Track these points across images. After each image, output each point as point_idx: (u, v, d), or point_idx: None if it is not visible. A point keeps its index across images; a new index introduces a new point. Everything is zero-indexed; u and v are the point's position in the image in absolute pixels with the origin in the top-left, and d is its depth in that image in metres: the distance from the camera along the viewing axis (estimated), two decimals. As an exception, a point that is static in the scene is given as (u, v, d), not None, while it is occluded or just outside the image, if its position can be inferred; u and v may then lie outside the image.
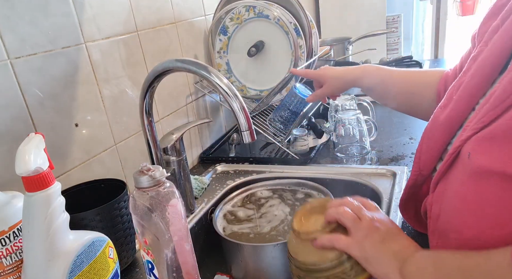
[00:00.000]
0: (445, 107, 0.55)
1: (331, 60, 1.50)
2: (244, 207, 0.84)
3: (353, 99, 1.11)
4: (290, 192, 0.87)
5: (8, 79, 0.61)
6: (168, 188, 0.52)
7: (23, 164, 0.45)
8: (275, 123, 1.11)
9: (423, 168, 0.58)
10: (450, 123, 0.53)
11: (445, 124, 0.53)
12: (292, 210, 0.81)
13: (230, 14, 1.13)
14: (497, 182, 0.41)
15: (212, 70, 0.60)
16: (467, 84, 0.52)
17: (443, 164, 0.50)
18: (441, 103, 0.57)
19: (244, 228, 0.77)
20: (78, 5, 0.73)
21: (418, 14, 2.56)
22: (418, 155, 0.59)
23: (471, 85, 0.51)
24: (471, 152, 0.44)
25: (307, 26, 1.11)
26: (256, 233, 0.75)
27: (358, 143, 1.02)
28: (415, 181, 0.61)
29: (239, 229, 0.77)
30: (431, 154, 0.56)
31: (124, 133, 0.85)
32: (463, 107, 0.51)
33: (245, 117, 0.60)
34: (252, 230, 0.76)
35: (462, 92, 0.52)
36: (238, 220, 0.80)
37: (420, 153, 0.58)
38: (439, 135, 0.54)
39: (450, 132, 0.53)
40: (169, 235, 0.51)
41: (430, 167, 0.57)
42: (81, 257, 0.52)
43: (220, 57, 1.17)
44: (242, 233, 0.76)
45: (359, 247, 0.50)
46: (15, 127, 0.62)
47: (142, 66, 0.90)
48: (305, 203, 0.65)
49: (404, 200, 0.66)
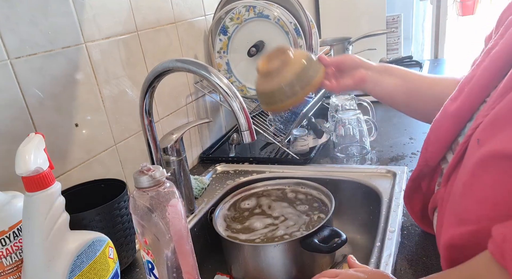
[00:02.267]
0: (456, 99, 0.54)
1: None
2: (244, 207, 0.84)
3: (353, 99, 1.11)
4: (290, 192, 0.87)
5: (8, 79, 0.61)
6: (168, 188, 0.52)
7: (23, 164, 0.45)
8: (275, 123, 1.10)
9: (429, 159, 0.58)
10: (460, 115, 0.52)
11: (454, 116, 0.53)
12: (292, 211, 0.81)
13: (230, 14, 1.13)
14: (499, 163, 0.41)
15: (212, 70, 0.60)
16: (479, 77, 0.51)
17: (455, 156, 0.50)
18: (452, 95, 0.56)
19: (244, 228, 0.77)
20: (78, 5, 0.73)
21: (418, 14, 2.56)
22: (425, 146, 0.59)
23: (484, 77, 0.50)
24: (480, 138, 0.44)
25: (307, 26, 1.11)
26: (256, 233, 0.75)
27: (358, 143, 1.02)
28: (420, 172, 0.61)
29: (239, 229, 0.77)
30: (439, 145, 0.56)
31: (124, 133, 0.85)
32: (474, 99, 0.51)
33: (245, 117, 0.60)
34: (252, 230, 0.76)
35: (474, 84, 0.51)
36: (238, 220, 0.80)
37: (427, 144, 0.58)
38: (448, 126, 0.54)
39: (460, 123, 0.53)
40: (169, 235, 0.51)
41: (436, 158, 0.57)
42: (81, 257, 0.52)
43: (220, 57, 1.17)
44: (242, 233, 0.76)
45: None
46: (15, 127, 0.62)
47: (142, 66, 0.90)
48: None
49: (408, 191, 0.66)
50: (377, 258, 0.62)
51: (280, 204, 0.83)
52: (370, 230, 0.86)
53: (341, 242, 0.67)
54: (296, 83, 0.72)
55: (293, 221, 0.77)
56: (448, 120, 0.54)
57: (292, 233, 0.74)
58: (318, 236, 0.68)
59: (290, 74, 0.72)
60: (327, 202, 0.80)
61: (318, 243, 0.67)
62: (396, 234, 0.67)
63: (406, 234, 0.68)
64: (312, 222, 0.76)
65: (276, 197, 0.86)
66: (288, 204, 0.83)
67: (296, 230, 0.74)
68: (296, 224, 0.76)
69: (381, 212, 0.75)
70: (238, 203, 0.86)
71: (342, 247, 0.67)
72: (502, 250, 0.37)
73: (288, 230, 0.75)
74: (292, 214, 0.79)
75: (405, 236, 0.68)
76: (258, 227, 0.77)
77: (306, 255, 0.70)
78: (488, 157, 0.42)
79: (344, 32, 1.87)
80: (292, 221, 0.77)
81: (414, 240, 0.66)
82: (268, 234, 0.74)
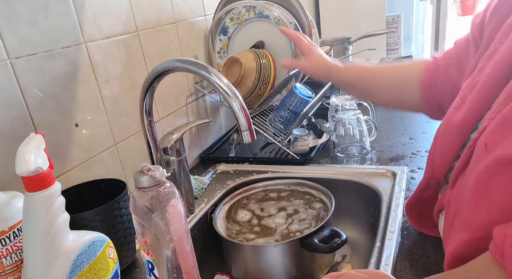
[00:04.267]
0: (459, 108, 0.53)
1: (331, 60, 1.50)
2: (244, 207, 0.84)
3: (353, 99, 1.11)
4: (290, 192, 0.87)
5: (8, 79, 0.61)
6: (168, 188, 0.52)
7: (23, 164, 0.45)
8: (275, 123, 1.11)
9: (436, 171, 0.57)
10: (465, 124, 0.51)
11: (459, 126, 0.52)
12: (292, 211, 0.81)
13: (230, 14, 1.13)
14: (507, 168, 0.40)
15: (212, 70, 0.60)
16: (483, 84, 0.50)
17: (461, 158, 0.49)
18: (454, 104, 0.55)
19: (244, 228, 0.77)
20: (78, 5, 0.73)
21: (418, 14, 2.56)
22: (431, 158, 0.58)
23: (488, 84, 0.49)
24: (487, 142, 0.43)
25: (307, 26, 1.11)
26: (257, 233, 0.75)
27: (358, 143, 1.02)
28: (428, 184, 0.60)
29: (239, 229, 0.77)
30: (445, 156, 0.55)
31: (124, 133, 0.85)
32: (479, 107, 0.50)
33: (245, 117, 0.60)
34: (252, 230, 0.76)
35: (478, 92, 0.50)
36: (238, 220, 0.80)
37: (433, 156, 0.57)
38: (454, 137, 0.53)
39: (465, 133, 0.52)
40: (170, 235, 0.51)
41: (444, 170, 0.56)
42: (81, 257, 0.52)
43: (220, 57, 1.17)
44: (242, 233, 0.76)
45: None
46: (15, 127, 0.62)
47: (142, 66, 0.90)
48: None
49: (411, 201, 0.66)
50: (377, 258, 0.62)
51: (280, 204, 0.83)
52: (370, 230, 0.86)
53: (341, 242, 0.67)
54: (258, 86, 0.84)
55: (293, 221, 0.77)
56: (453, 130, 0.53)
57: (292, 233, 0.74)
58: (318, 236, 0.68)
59: (249, 82, 0.81)
60: (327, 202, 0.80)
61: (318, 243, 0.67)
62: (396, 234, 0.67)
63: (406, 234, 0.68)
64: (312, 222, 0.76)
65: (276, 197, 0.86)
66: (288, 204, 0.83)
67: (296, 230, 0.74)
68: (296, 224, 0.76)
69: (381, 212, 0.75)
70: (238, 203, 0.86)
71: (342, 247, 0.67)
72: (502, 249, 0.37)
73: (288, 230, 0.75)
74: (292, 214, 0.79)
75: (405, 236, 0.68)
76: (258, 227, 0.77)
77: (306, 255, 0.70)
78: (496, 161, 0.41)
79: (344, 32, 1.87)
80: (292, 221, 0.77)
81: (414, 240, 0.66)
82: (268, 234, 0.74)
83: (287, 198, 0.85)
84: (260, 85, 0.85)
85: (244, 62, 0.97)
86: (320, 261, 0.74)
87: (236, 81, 0.97)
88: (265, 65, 0.92)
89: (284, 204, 0.83)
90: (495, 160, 0.41)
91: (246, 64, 0.97)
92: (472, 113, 0.50)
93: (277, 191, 0.88)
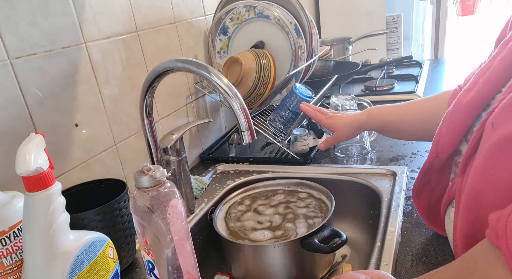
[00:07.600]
0: (470, 90, 0.53)
1: (331, 60, 1.50)
2: (244, 207, 0.84)
3: (353, 99, 1.11)
4: (290, 192, 0.87)
5: (8, 79, 0.61)
6: (168, 188, 0.51)
7: (23, 164, 0.45)
8: (275, 123, 1.10)
9: (441, 151, 0.57)
10: (475, 105, 0.52)
11: (468, 107, 0.52)
12: (292, 211, 0.81)
13: (230, 14, 1.13)
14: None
15: (212, 70, 0.60)
16: (495, 67, 0.50)
17: (470, 142, 0.49)
18: (466, 87, 0.55)
19: (244, 228, 0.77)
20: (78, 5, 0.73)
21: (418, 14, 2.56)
22: (437, 138, 0.58)
23: (500, 67, 0.50)
24: (494, 121, 0.44)
25: (307, 26, 1.11)
26: (257, 233, 0.75)
27: (358, 143, 1.02)
28: (431, 164, 0.60)
29: (239, 229, 0.77)
30: (451, 136, 0.55)
31: (124, 133, 0.85)
32: (489, 89, 0.50)
33: (246, 117, 0.60)
34: (253, 230, 0.76)
35: (489, 75, 0.51)
36: (238, 220, 0.80)
37: (440, 136, 0.58)
38: (462, 117, 0.53)
39: (474, 114, 0.52)
40: (170, 235, 0.51)
41: (448, 150, 0.56)
42: (81, 257, 0.52)
43: (220, 57, 1.17)
44: (242, 233, 0.76)
45: None
46: (15, 127, 0.62)
47: (142, 66, 0.90)
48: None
49: (418, 184, 0.65)
50: (377, 258, 0.62)
51: (280, 204, 0.83)
52: (370, 230, 0.86)
53: (341, 242, 0.67)
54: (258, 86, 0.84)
55: (293, 221, 0.77)
56: (462, 110, 0.53)
57: (292, 233, 0.74)
58: (318, 236, 0.68)
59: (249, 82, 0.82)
60: (327, 202, 0.80)
61: (318, 243, 0.67)
62: (396, 234, 0.67)
63: (406, 234, 0.68)
64: (312, 222, 0.76)
65: (276, 197, 0.86)
66: (288, 204, 0.83)
67: (296, 230, 0.74)
68: (296, 224, 0.76)
69: (381, 212, 0.75)
70: (238, 203, 0.86)
71: (342, 247, 0.67)
72: (496, 230, 0.37)
73: (288, 230, 0.75)
74: (292, 214, 0.79)
75: (405, 236, 0.68)
76: (258, 227, 0.77)
77: (306, 255, 0.70)
78: (503, 139, 0.41)
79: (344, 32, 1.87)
80: (292, 221, 0.77)
81: (414, 240, 0.66)
82: (268, 234, 0.74)
83: (287, 198, 0.85)
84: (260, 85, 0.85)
85: (244, 62, 0.97)
86: (320, 261, 0.74)
87: (236, 81, 0.96)
88: (265, 65, 0.92)
89: (284, 204, 0.83)
90: (500, 137, 0.42)
91: (246, 64, 0.97)
92: (481, 95, 0.51)
93: (277, 191, 0.88)
